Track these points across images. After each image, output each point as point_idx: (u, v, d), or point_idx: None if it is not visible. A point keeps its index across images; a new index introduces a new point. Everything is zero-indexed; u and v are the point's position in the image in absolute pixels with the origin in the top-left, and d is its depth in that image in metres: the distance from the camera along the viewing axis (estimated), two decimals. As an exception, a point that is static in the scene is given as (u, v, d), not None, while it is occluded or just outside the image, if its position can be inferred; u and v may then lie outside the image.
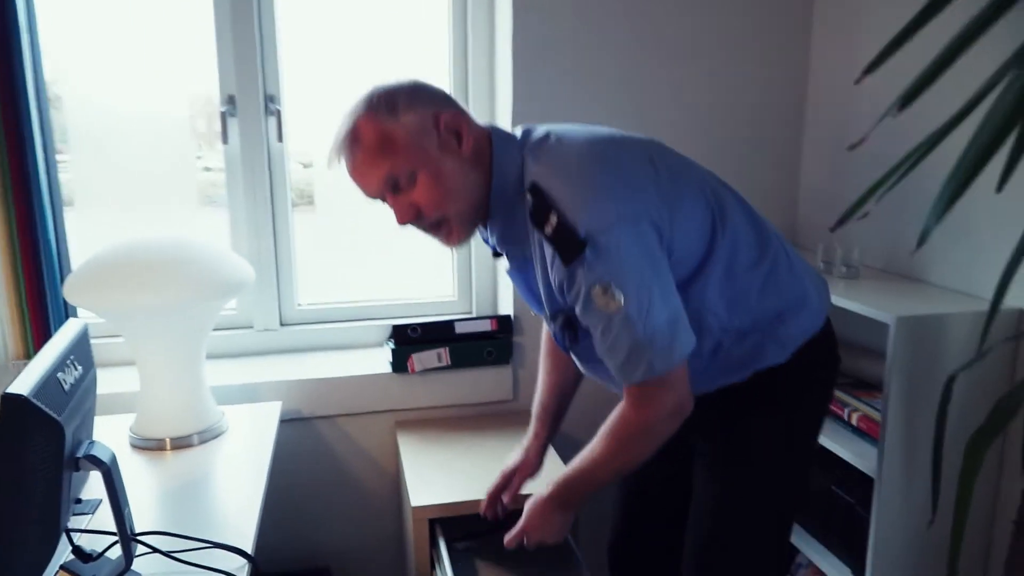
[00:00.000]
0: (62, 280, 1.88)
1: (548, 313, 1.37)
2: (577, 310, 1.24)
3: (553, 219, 1.19)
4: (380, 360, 2.14)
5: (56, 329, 1.89)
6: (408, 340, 2.08)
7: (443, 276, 2.32)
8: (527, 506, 1.45)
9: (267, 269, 2.15)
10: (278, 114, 2.07)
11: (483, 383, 2.15)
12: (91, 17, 2.02)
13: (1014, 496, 1.39)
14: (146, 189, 2.15)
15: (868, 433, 1.69)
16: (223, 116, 2.06)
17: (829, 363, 1.45)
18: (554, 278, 1.25)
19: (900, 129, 1.53)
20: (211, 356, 1.98)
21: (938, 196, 1.25)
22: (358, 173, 1.27)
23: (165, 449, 1.73)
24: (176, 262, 1.66)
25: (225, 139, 2.08)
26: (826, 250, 1.92)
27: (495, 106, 2.16)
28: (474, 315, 2.26)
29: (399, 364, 2.07)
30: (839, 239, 1.91)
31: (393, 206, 1.28)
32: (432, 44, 2.18)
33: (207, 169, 2.16)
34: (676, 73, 2.09)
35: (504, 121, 2.06)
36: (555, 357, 1.63)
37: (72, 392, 1.15)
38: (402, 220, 1.28)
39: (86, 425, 1.24)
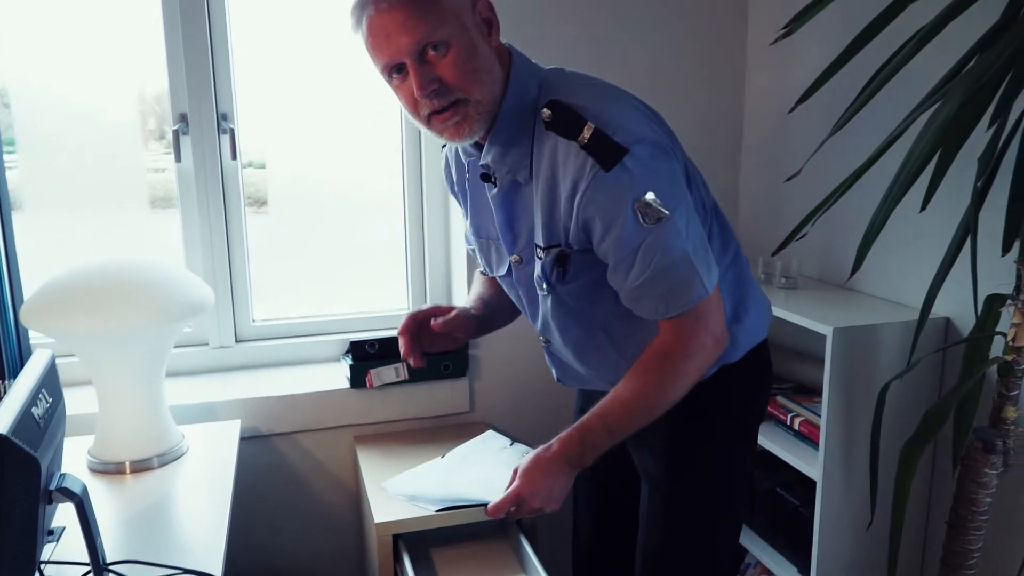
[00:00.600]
0: (12, 300, 1.87)
1: (539, 246, 1.27)
2: (598, 234, 1.19)
3: (588, 128, 1.15)
4: (337, 375, 2.17)
5: (5, 351, 1.87)
6: (366, 356, 2.11)
7: (397, 284, 2.35)
8: (522, 467, 1.26)
9: (222, 286, 2.16)
10: (231, 132, 2.08)
11: (440, 396, 2.19)
12: (40, 14, 1.99)
13: (947, 497, 1.50)
14: (97, 191, 2.14)
15: (809, 437, 1.78)
16: (175, 134, 2.06)
17: (768, 372, 1.48)
18: (571, 199, 1.18)
19: (833, 153, 1.63)
20: (167, 374, 1.98)
21: (870, 222, 1.34)
22: (390, 28, 1.15)
23: (125, 473, 1.73)
24: (135, 286, 1.66)
25: (178, 157, 2.08)
26: (766, 263, 2.02)
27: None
28: (430, 329, 2.29)
29: (357, 380, 2.10)
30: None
31: (415, 75, 1.16)
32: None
33: (158, 170, 2.15)
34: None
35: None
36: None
37: (45, 426, 1.16)
38: (423, 90, 1.16)
39: (57, 457, 1.25)
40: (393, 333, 2.16)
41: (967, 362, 1.42)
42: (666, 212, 1.15)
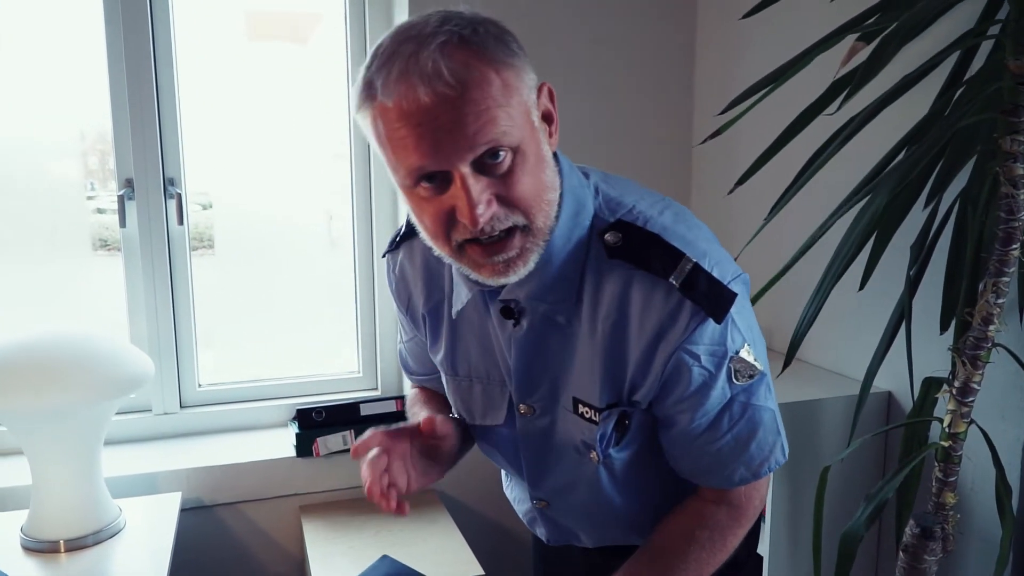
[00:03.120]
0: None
1: (591, 406, 1.00)
2: (679, 392, 0.95)
3: (686, 264, 0.91)
4: (284, 442, 2.13)
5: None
6: (313, 424, 2.08)
7: (348, 346, 2.33)
8: None
9: (167, 352, 2.12)
10: (179, 197, 2.06)
11: None
12: None
13: (891, 573, 1.50)
14: (37, 233, 2.09)
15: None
16: (120, 199, 2.03)
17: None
18: (653, 349, 0.93)
19: (775, 230, 1.65)
20: (108, 442, 1.93)
21: (806, 307, 1.36)
22: (440, 122, 0.81)
23: (59, 551, 1.68)
24: (70, 362, 1.62)
25: (123, 223, 2.04)
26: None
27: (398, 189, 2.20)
28: (380, 394, 2.27)
29: (304, 448, 2.06)
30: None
31: (469, 190, 0.83)
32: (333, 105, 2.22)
33: (100, 211, 2.12)
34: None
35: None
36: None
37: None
38: (481, 214, 0.84)
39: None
40: (341, 399, 2.19)
41: (906, 445, 1.43)
42: (759, 368, 0.96)
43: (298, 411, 2.10)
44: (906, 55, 1.33)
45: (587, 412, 1.01)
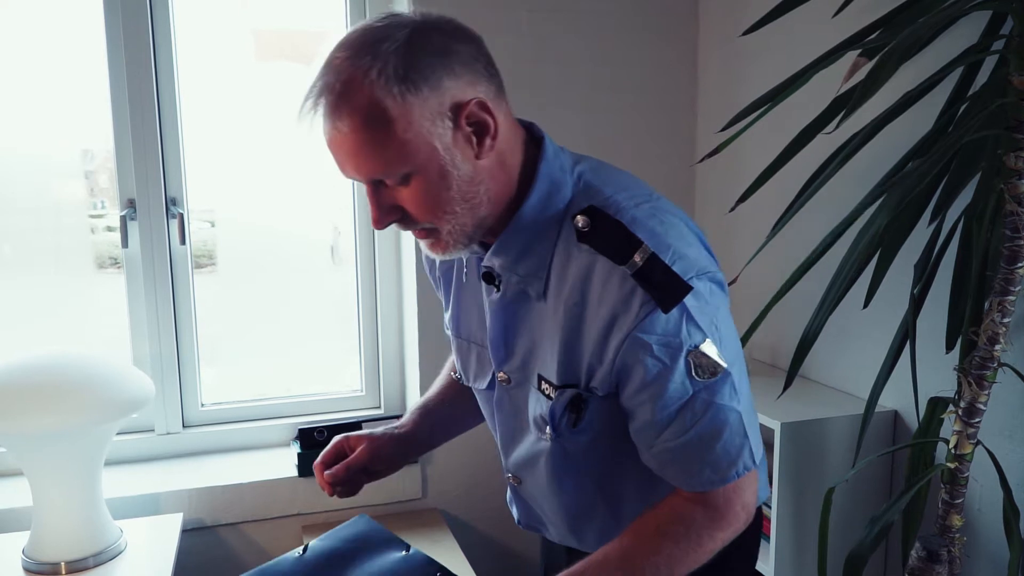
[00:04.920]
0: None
1: (549, 382, 1.05)
2: (635, 383, 0.97)
3: (642, 252, 0.94)
4: (286, 462, 2.12)
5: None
6: (315, 443, 2.07)
7: (350, 364, 2.32)
8: None
9: (169, 371, 2.11)
10: (180, 217, 2.06)
11: (391, 482, 2.10)
12: None
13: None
14: (42, 249, 2.10)
15: (762, 530, 1.75)
16: (123, 220, 2.03)
17: (758, 537, 1.29)
18: (606, 336, 0.96)
19: (779, 246, 1.63)
20: (110, 462, 1.92)
21: (810, 319, 1.34)
22: (335, 152, 0.96)
23: (60, 573, 1.67)
24: (70, 384, 1.62)
25: (125, 243, 2.04)
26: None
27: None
28: (382, 413, 2.26)
29: (305, 468, 2.05)
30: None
31: (371, 201, 0.98)
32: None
33: (110, 229, 2.11)
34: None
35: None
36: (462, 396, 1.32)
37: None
38: (379, 224, 0.99)
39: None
40: (343, 418, 2.18)
41: (912, 466, 1.41)
42: (723, 366, 0.96)
43: (300, 431, 2.09)
44: (909, 71, 1.33)
45: (547, 389, 1.05)
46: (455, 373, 1.30)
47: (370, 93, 0.90)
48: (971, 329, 1.27)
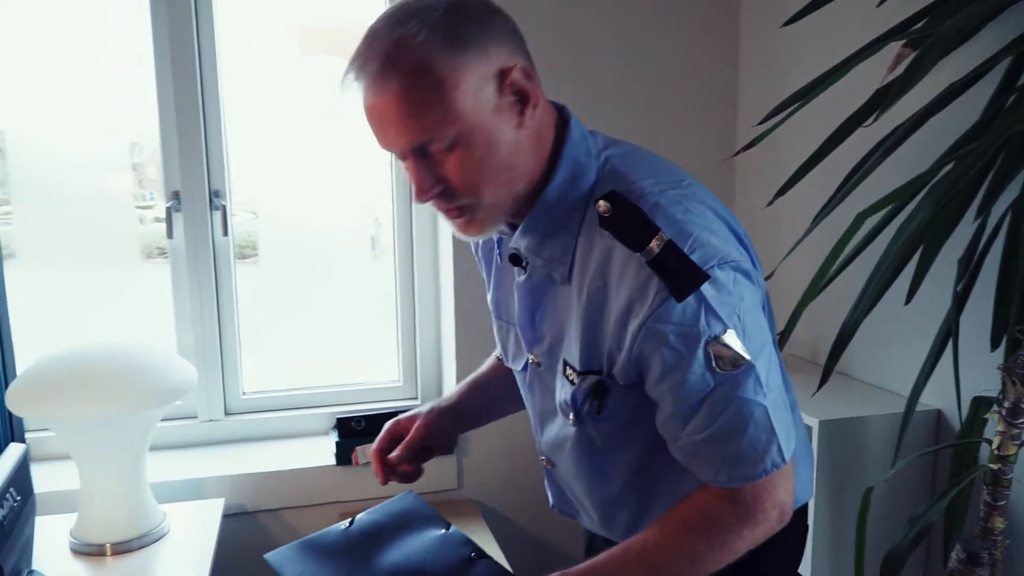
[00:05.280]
0: (5, 381, 1.88)
1: (572, 367, 1.04)
2: (655, 374, 0.95)
3: (659, 239, 0.92)
4: (325, 450, 2.14)
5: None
6: (352, 433, 2.10)
7: (389, 355, 2.33)
8: None
9: (212, 359, 2.15)
10: (223, 209, 2.09)
11: (428, 473, 2.08)
12: (36, 63, 2.03)
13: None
14: (91, 241, 2.16)
15: (800, 528, 1.73)
16: (168, 211, 2.07)
17: (803, 542, 1.24)
18: (624, 323, 0.95)
19: (819, 239, 1.60)
20: (154, 448, 1.97)
21: (847, 314, 1.31)
22: (383, 118, 0.94)
23: (106, 555, 1.71)
24: (116, 371, 1.66)
25: (170, 234, 2.09)
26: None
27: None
28: (419, 403, 2.27)
29: (343, 457, 2.08)
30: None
31: (413, 174, 0.96)
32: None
33: (158, 219, 2.14)
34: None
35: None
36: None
37: (10, 527, 1.16)
38: (422, 197, 0.96)
39: (25, 554, 1.24)
40: (380, 408, 2.20)
41: (954, 467, 1.38)
42: (746, 358, 0.92)
43: (338, 420, 2.12)
44: (956, 61, 1.29)
45: (571, 374, 1.04)
46: (497, 354, 1.31)
47: (419, 54, 0.90)
48: (1017, 328, 1.24)
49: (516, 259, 1.07)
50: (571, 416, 1.05)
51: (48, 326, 2.13)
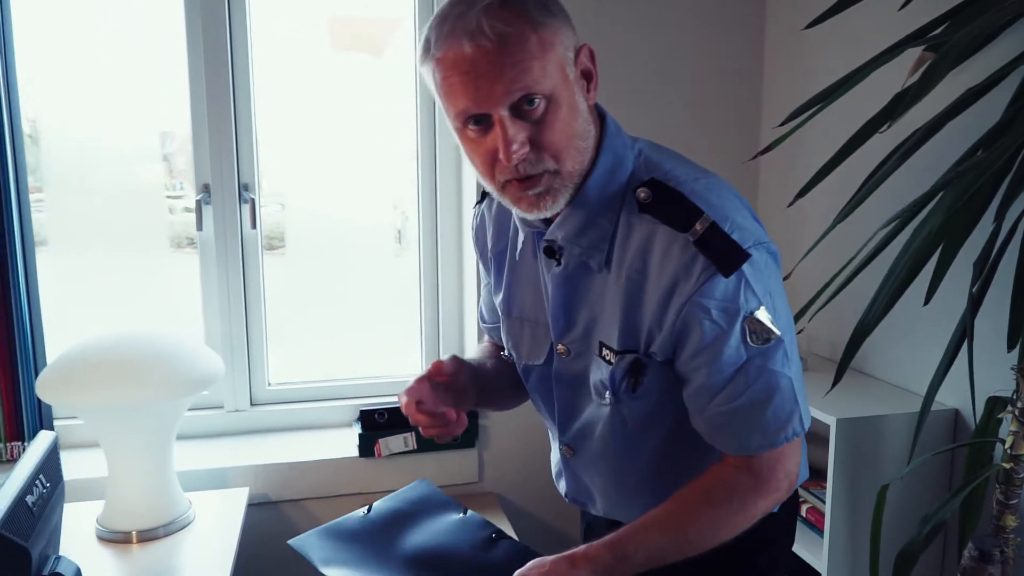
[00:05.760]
0: (35, 369, 1.93)
1: (611, 348, 1.08)
2: (692, 347, 1.00)
3: (704, 221, 0.98)
4: (348, 442, 2.18)
5: (28, 416, 1.94)
6: (375, 425, 2.13)
7: (412, 347, 2.37)
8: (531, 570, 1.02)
9: (239, 351, 2.20)
10: (252, 202, 2.14)
11: (449, 466, 2.20)
12: (69, 51, 2.08)
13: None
14: (121, 229, 2.20)
15: (816, 525, 1.75)
16: (198, 204, 2.12)
17: (795, 522, 1.31)
18: (666, 301, 1.00)
19: (840, 238, 1.62)
20: (181, 437, 2.01)
21: (863, 313, 1.33)
22: (481, 69, 0.94)
23: (132, 542, 1.75)
24: (145, 360, 1.70)
25: (199, 226, 2.13)
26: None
27: (462, 184, 2.25)
28: (441, 397, 2.31)
29: (366, 449, 2.11)
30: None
31: (505, 131, 0.96)
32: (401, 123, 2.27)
33: (188, 210, 2.19)
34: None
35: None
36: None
37: (39, 513, 1.20)
38: (514, 153, 0.96)
39: (53, 540, 1.28)
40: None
41: (969, 466, 1.39)
42: (777, 332, 0.99)
43: (361, 412, 2.15)
44: (975, 65, 1.31)
45: (608, 355, 1.08)
46: (504, 353, 1.31)
47: (525, 7, 0.95)
48: (1032, 329, 1.25)
49: (550, 251, 1.11)
50: (607, 395, 1.10)
51: (77, 314, 2.18)
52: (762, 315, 0.98)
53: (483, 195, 1.29)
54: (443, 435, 1.16)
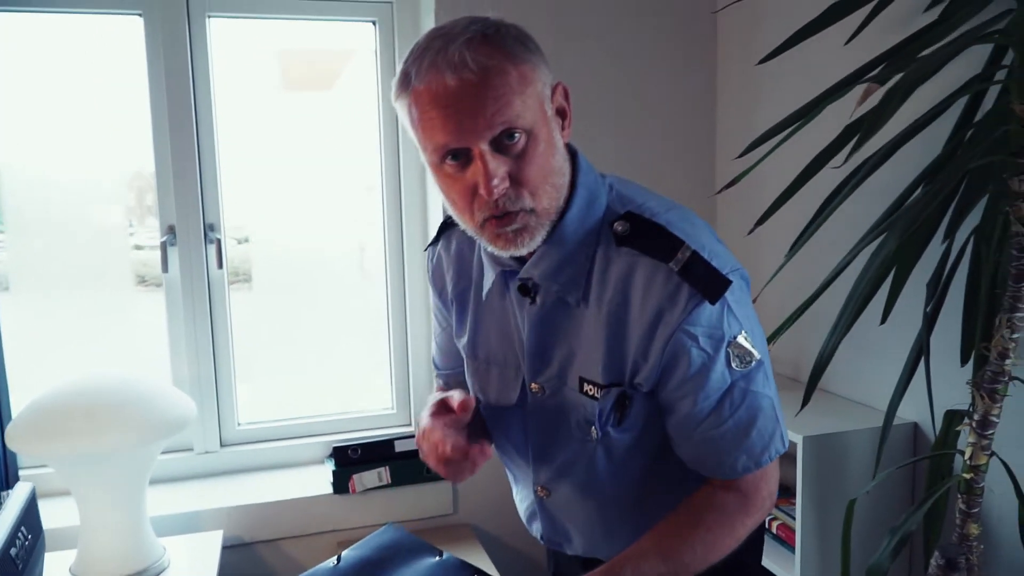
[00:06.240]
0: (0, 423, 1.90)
1: (595, 383, 1.07)
2: (679, 375, 1.01)
3: (685, 251, 1.00)
4: (321, 479, 2.18)
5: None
6: (349, 461, 2.14)
7: (382, 381, 2.38)
8: None
9: (207, 391, 2.19)
10: (218, 242, 2.14)
11: (424, 499, 2.21)
12: (30, 92, 2.08)
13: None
14: (82, 269, 2.18)
15: (787, 541, 1.80)
16: (163, 245, 2.12)
17: (763, 534, 1.36)
18: (651, 331, 1.01)
19: (798, 265, 1.68)
20: (151, 481, 1.99)
21: (827, 335, 1.39)
22: (464, 102, 0.93)
23: (107, 590, 1.74)
24: (117, 406, 1.69)
25: (165, 268, 2.13)
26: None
27: (428, 214, 2.28)
28: (413, 430, 2.32)
29: (340, 485, 2.12)
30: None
31: (486, 165, 0.95)
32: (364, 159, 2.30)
33: (139, 247, 2.20)
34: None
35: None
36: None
37: (23, 566, 1.19)
38: (495, 189, 0.95)
39: (35, 592, 1.27)
40: (375, 436, 2.24)
41: (930, 477, 1.45)
42: (757, 355, 1.02)
43: (335, 448, 2.16)
44: (917, 99, 1.38)
45: (591, 390, 1.08)
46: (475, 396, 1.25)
47: (507, 42, 0.96)
48: (983, 344, 1.32)
49: (525, 289, 1.10)
50: (593, 431, 1.10)
51: (41, 356, 2.15)
52: (743, 339, 1.01)
53: (437, 236, 1.29)
54: (468, 472, 1.09)
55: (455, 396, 1.09)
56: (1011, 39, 1.22)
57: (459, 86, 0.93)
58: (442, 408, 1.11)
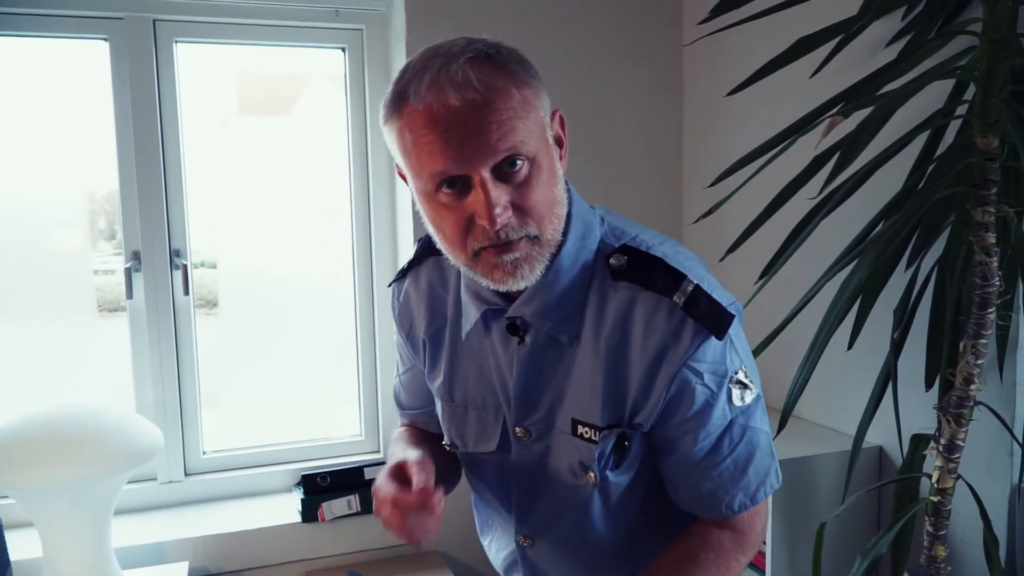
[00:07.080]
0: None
1: (592, 425, 1.02)
2: (681, 413, 0.98)
3: (688, 285, 0.96)
4: (289, 508, 2.15)
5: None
6: (318, 489, 2.11)
7: (351, 405, 2.37)
8: None
9: (172, 419, 2.15)
10: (184, 268, 2.12)
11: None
12: None
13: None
14: (41, 295, 2.14)
15: (758, 566, 1.82)
16: (127, 272, 2.09)
17: None
18: (655, 368, 0.97)
19: (768, 294, 1.71)
20: (115, 512, 1.95)
21: (802, 363, 1.42)
22: (468, 127, 0.87)
23: (70, 625, 1.69)
24: (82, 436, 1.65)
25: (129, 294, 2.10)
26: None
27: (397, 238, 2.28)
28: (382, 457, 2.31)
29: (309, 514, 2.09)
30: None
31: (488, 194, 0.88)
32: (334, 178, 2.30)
33: (108, 272, 2.16)
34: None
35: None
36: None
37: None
38: (497, 219, 0.89)
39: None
40: (344, 463, 2.22)
41: (898, 500, 1.49)
42: (755, 391, 1.00)
43: (303, 476, 2.13)
44: (882, 132, 1.43)
45: (586, 432, 1.02)
46: (446, 442, 1.19)
47: (513, 63, 0.92)
48: (948, 370, 1.36)
49: (514, 328, 1.03)
50: (590, 475, 1.03)
51: (1, 384, 2.10)
52: (743, 375, 0.99)
53: (403, 272, 1.21)
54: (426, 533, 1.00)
55: (413, 470, 0.98)
56: (971, 74, 1.27)
57: (462, 106, 0.86)
58: (399, 474, 1.01)
